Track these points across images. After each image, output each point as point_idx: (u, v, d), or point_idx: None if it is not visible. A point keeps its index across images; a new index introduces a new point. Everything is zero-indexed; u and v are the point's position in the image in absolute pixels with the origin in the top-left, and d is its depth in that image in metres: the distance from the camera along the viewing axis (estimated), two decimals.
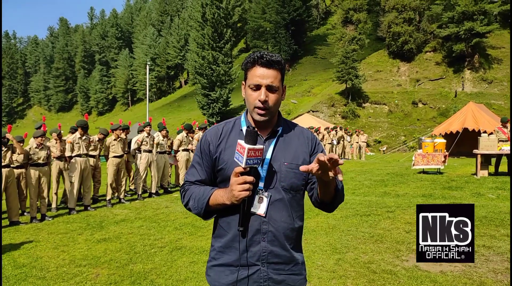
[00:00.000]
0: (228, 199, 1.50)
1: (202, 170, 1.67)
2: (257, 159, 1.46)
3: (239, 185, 1.45)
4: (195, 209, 1.61)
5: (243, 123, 1.68)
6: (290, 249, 1.61)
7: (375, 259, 4.46)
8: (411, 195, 8.34)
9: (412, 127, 33.13)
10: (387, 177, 11.39)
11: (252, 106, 1.58)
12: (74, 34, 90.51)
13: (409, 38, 37.12)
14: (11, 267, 4.60)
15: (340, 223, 6.10)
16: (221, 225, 1.63)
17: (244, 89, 1.66)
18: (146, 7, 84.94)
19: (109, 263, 4.67)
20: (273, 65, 1.57)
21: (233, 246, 1.57)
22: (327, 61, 48.28)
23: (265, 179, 1.57)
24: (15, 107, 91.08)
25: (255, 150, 1.44)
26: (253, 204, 1.55)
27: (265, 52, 1.58)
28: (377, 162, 18.11)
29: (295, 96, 41.87)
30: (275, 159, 1.59)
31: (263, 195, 1.56)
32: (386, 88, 37.93)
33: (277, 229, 1.57)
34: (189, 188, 1.67)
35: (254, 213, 1.55)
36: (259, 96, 1.55)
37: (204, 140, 1.68)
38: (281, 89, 1.63)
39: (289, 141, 1.66)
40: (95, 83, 76.34)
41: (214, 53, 35.18)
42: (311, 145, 1.70)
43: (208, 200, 1.57)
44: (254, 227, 1.55)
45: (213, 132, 1.69)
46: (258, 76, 1.56)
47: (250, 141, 1.44)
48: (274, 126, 1.66)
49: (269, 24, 48.75)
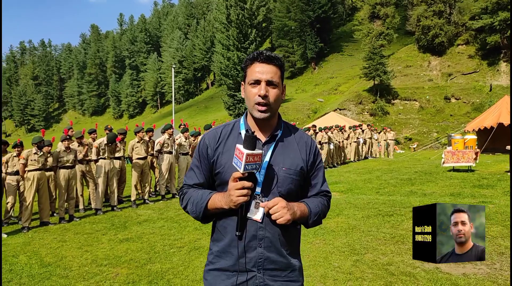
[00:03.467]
0: (226, 203, 1.50)
1: (200, 174, 1.67)
2: (255, 164, 1.44)
3: (237, 190, 1.45)
4: (193, 213, 1.62)
5: (242, 126, 1.66)
6: (287, 255, 1.59)
7: (394, 261, 4.32)
8: (438, 194, 8.05)
9: (445, 123, 31.97)
10: (414, 175, 11.05)
11: (252, 102, 1.56)
12: (105, 40, 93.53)
13: (440, 31, 35.84)
14: (37, 266, 4.80)
15: (361, 224, 5.97)
16: (218, 229, 1.63)
17: (243, 88, 1.65)
18: (173, 11, 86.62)
19: (129, 263, 4.79)
20: (272, 61, 1.57)
21: (230, 251, 1.57)
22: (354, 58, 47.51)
23: (263, 184, 1.55)
24: (51, 112, 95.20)
25: (253, 155, 1.42)
26: (250, 209, 1.53)
27: (263, 50, 1.59)
28: (406, 160, 17.60)
29: (321, 94, 41.42)
30: (273, 164, 1.58)
31: (260, 201, 1.54)
32: (417, 83, 36.79)
33: (274, 235, 1.55)
34: (188, 191, 1.67)
35: (251, 218, 1.54)
36: (259, 91, 1.54)
37: (203, 143, 1.68)
38: (281, 86, 1.62)
39: (288, 145, 1.64)
40: (125, 87, 78.63)
41: (239, 53, 35.33)
42: (309, 153, 1.67)
43: (207, 204, 1.57)
44: (251, 232, 1.54)
45: (212, 135, 1.68)
46: (258, 71, 1.55)
47: (249, 146, 1.42)
48: (273, 129, 1.64)
49: (294, 22, 48.48)
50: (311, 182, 1.69)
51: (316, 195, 1.70)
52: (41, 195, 6.97)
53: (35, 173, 6.78)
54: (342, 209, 7.04)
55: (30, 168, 6.79)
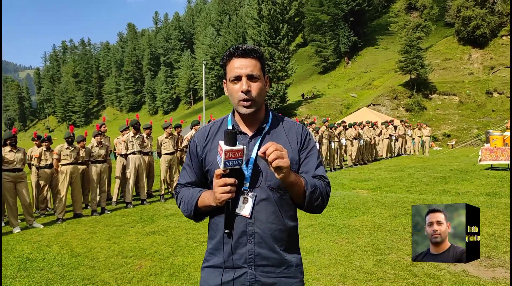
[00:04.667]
0: (213, 201, 1.49)
1: (192, 172, 1.68)
2: (237, 160, 1.41)
3: (220, 187, 1.43)
4: (185, 211, 1.62)
5: (229, 122, 1.65)
6: (280, 251, 1.55)
7: (419, 262, 4.16)
8: (473, 193, 7.68)
9: (486, 119, 30.46)
10: (449, 173, 10.60)
11: (236, 100, 1.54)
12: (141, 38, 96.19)
13: (482, 22, 34.07)
14: (68, 256, 5.03)
15: (387, 223, 5.80)
16: (211, 226, 1.63)
17: (226, 86, 1.62)
18: (206, 8, 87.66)
19: (153, 255, 4.91)
20: (250, 53, 1.53)
21: (221, 248, 1.56)
22: (389, 51, 46.13)
23: (250, 179, 1.53)
24: (91, 108, 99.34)
25: (233, 151, 1.39)
26: (238, 205, 1.52)
27: (239, 45, 1.56)
28: (442, 157, 16.93)
29: (354, 89, 40.58)
30: (261, 158, 1.52)
31: (248, 196, 1.52)
32: (456, 77, 35.23)
33: (264, 230, 1.52)
34: (181, 190, 1.68)
35: (239, 214, 1.52)
36: (241, 87, 1.51)
37: (193, 142, 1.68)
38: (263, 79, 1.58)
39: (276, 137, 1.59)
40: (160, 83, 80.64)
41: (271, 49, 35.24)
42: (300, 140, 1.62)
43: (197, 202, 1.57)
44: (240, 229, 1.52)
45: (200, 133, 1.68)
46: (237, 67, 1.52)
47: (228, 142, 1.39)
48: (260, 122, 1.61)
49: (326, 16, 47.71)
50: (302, 169, 1.61)
51: None
52: (74, 188, 7.28)
53: (68, 167, 7.09)
54: (369, 207, 6.88)
55: (63, 162, 7.11)
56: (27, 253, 5.22)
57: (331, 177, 11.12)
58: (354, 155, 14.17)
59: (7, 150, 6.39)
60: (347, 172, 12.45)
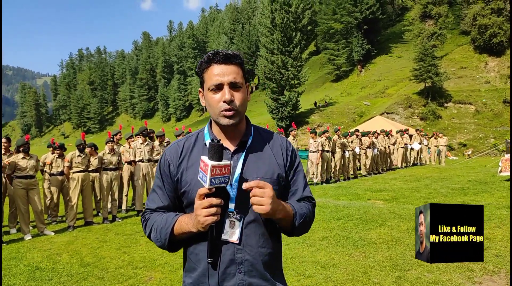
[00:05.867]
0: (193, 226, 1.28)
1: (164, 195, 1.45)
2: (224, 177, 1.24)
3: (204, 209, 1.24)
4: (158, 241, 1.39)
5: (206, 136, 1.46)
6: (271, 278, 1.39)
7: (441, 279, 3.96)
8: (494, 206, 7.38)
9: (503, 129, 29.75)
10: (468, 184, 10.27)
11: (216, 110, 1.36)
12: (156, 47, 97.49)
13: (499, 30, 33.53)
14: (77, 266, 4.95)
15: (405, 236, 5.58)
16: (190, 257, 1.42)
17: (202, 96, 1.46)
18: (219, 17, 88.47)
19: (163, 266, 4.79)
20: (231, 59, 1.37)
21: (205, 282, 1.36)
22: (403, 59, 45.68)
23: (236, 200, 1.35)
24: (106, 115, 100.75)
25: (220, 167, 1.22)
26: (223, 230, 1.34)
27: (219, 49, 1.40)
28: (459, 167, 16.51)
29: (368, 97, 40.20)
30: (246, 175, 1.38)
31: (235, 218, 1.34)
32: (472, 86, 34.60)
33: (255, 256, 1.36)
34: (150, 216, 1.45)
35: (226, 240, 1.34)
36: (223, 96, 1.34)
37: (164, 160, 1.46)
38: (245, 87, 1.42)
39: (261, 152, 1.45)
40: (173, 91, 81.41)
41: (283, 57, 35.19)
42: (286, 156, 1.48)
43: (172, 229, 1.35)
44: (227, 257, 1.34)
45: (173, 150, 1.47)
46: (218, 74, 1.35)
47: (215, 156, 1.23)
48: (242, 135, 1.45)
49: (340, 25, 47.65)
50: (291, 188, 1.49)
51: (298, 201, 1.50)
52: (85, 195, 7.25)
53: (79, 175, 7.07)
54: (385, 219, 6.65)
55: (74, 170, 7.09)
56: (37, 262, 5.16)
57: (345, 187, 10.89)
58: (369, 164, 13.91)
59: (20, 157, 6.39)
60: (361, 181, 12.20)
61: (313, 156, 11.75)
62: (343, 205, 8.14)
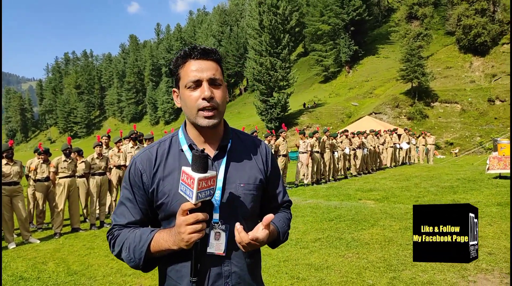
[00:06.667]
0: (174, 243, 1.17)
1: (135, 208, 1.30)
2: (210, 190, 1.14)
3: (188, 226, 1.13)
4: (132, 261, 1.24)
5: (182, 140, 1.33)
6: None
7: (435, 279, 3.92)
8: (484, 204, 7.42)
9: (489, 127, 30.25)
10: (457, 183, 10.35)
11: (195, 109, 1.25)
12: (143, 50, 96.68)
13: (483, 30, 34.15)
14: (64, 274, 4.79)
15: (398, 236, 5.55)
16: (169, 275, 1.28)
17: (177, 97, 1.34)
18: (207, 19, 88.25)
19: (153, 273, 4.66)
20: (210, 54, 1.28)
21: None
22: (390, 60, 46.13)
23: (220, 209, 1.25)
24: (93, 119, 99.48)
25: (206, 179, 1.12)
26: (208, 243, 1.23)
27: (196, 44, 1.31)
28: (447, 166, 16.66)
29: (356, 98, 40.50)
30: (229, 182, 1.29)
31: (220, 230, 1.24)
32: (458, 85, 35.14)
33: (242, 268, 1.28)
34: (120, 233, 1.29)
35: (212, 254, 1.24)
36: (203, 93, 1.23)
37: (134, 169, 1.31)
38: (224, 86, 1.31)
39: (242, 156, 1.36)
40: (162, 94, 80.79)
41: (272, 59, 35.24)
42: (266, 161, 1.42)
43: (148, 247, 1.21)
44: (214, 271, 1.24)
45: (145, 157, 1.32)
46: (196, 70, 1.25)
47: (200, 168, 1.11)
48: (221, 139, 1.35)
49: (327, 26, 47.94)
50: (271, 193, 1.44)
51: (278, 207, 1.47)
52: (71, 201, 7.07)
53: (65, 180, 6.89)
54: (377, 219, 6.63)
55: (60, 175, 6.91)
56: (21, 271, 4.98)
57: (336, 188, 10.88)
58: (358, 164, 13.94)
59: (3, 163, 6.19)
60: (352, 181, 12.21)
61: (302, 157, 11.72)
62: (334, 205, 8.11)
